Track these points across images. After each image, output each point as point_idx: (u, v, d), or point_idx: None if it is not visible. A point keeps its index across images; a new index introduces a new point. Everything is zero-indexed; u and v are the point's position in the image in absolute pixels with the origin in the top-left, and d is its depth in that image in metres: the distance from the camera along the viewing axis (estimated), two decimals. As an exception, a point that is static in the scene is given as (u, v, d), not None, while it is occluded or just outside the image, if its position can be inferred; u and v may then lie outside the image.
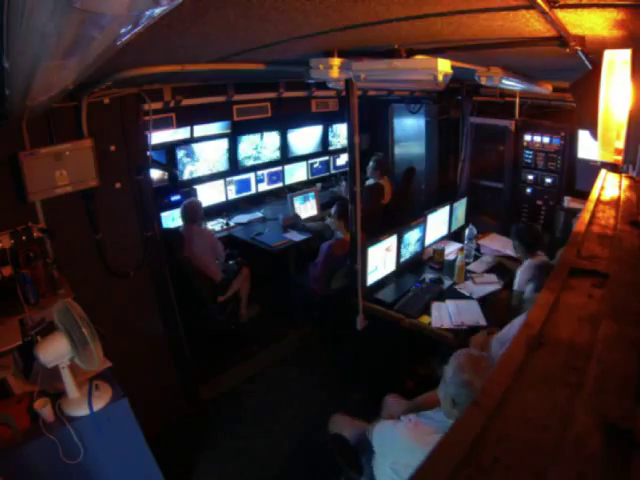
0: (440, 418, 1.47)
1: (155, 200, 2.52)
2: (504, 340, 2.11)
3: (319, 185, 4.81)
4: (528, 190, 4.06)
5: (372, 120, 5.05)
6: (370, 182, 4.27)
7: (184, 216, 3.28)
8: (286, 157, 4.62)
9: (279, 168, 4.51)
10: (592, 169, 2.63)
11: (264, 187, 4.40)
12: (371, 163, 4.31)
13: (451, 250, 3.26)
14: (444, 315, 2.49)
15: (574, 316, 0.56)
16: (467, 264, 3.03)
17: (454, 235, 3.53)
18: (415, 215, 3.12)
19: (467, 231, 3.19)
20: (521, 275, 2.60)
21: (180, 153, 3.73)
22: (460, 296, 2.70)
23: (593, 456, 0.35)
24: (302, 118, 4.57)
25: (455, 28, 1.34)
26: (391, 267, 2.86)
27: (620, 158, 1.35)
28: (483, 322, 2.44)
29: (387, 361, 2.73)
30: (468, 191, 4.24)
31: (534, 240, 2.66)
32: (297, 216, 3.93)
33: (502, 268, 3.01)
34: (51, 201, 2.01)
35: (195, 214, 3.28)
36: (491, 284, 2.82)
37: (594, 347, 0.49)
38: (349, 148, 2.30)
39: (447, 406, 1.44)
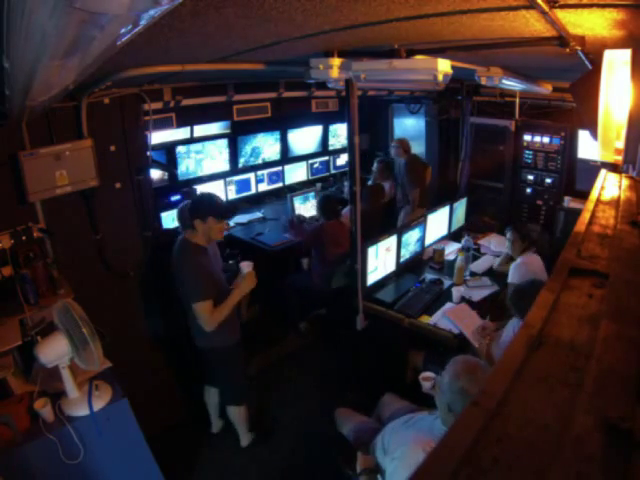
0: (437, 426, 1.45)
1: (155, 200, 2.52)
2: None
3: (319, 185, 4.80)
4: (528, 190, 4.05)
5: (372, 120, 5.04)
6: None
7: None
8: (286, 157, 4.62)
9: (279, 168, 4.50)
10: (592, 169, 2.62)
11: (264, 187, 4.39)
12: (377, 165, 4.23)
13: (451, 250, 3.26)
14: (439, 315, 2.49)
15: (574, 316, 0.56)
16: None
17: (454, 235, 3.53)
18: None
19: (463, 242, 3.14)
20: (514, 271, 2.60)
21: (180, 153, 3.72)
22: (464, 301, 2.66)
23: (593, 456, 0.35)
24: (302, 118, 4.55)
25: (455, 28, 1.34)
26: (391, 267, 2.86)
27: (620, 158, 1.35)
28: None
29: (387, 361, 2.72)
30: (468, 191, 4.23)
31: (526, 234, 2.69)
32: (302, 216, 3.92)
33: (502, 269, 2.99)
34: (51, 201, 2.02)
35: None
36: (486, 287, 2.80)
37: (594, 347, 0.49)
38: (349, 148, 2.30)
39: (443, 413, 1.41)
